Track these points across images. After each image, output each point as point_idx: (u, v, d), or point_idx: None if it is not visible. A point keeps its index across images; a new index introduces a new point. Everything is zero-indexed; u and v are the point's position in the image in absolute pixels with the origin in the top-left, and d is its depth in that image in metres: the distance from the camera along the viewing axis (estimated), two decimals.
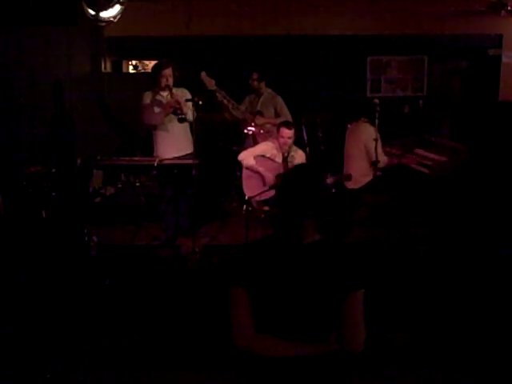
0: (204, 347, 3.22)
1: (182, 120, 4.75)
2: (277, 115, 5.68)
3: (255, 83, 5.72)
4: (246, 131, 5.70)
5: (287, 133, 4.69)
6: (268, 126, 5.59)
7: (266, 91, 5.77)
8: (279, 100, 5.73)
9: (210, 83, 5.40)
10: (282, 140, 4.71)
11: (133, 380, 3.00)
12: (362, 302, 1.81)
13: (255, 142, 5.49)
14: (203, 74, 5.41)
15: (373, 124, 4.81)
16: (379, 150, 4.87)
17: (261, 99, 5.75)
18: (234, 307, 1.84)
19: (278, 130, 4.73)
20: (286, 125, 4.78)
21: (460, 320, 3.47)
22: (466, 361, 3.06)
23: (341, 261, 1.82)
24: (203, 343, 3.26)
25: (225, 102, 5.57)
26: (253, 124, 5.61)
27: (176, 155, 4.82)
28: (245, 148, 5.25)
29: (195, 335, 3.34)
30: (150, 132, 5.00)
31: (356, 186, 5.02)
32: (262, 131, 5.60)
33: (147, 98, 4.84)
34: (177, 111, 4.71)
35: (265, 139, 5.23)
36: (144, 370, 3.05)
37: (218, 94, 5.49)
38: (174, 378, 3.01)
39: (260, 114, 5.67)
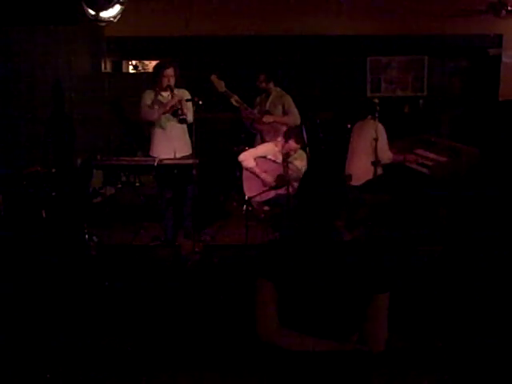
0: (204, 347, 3.22)
1: (182, 121, 4.74)
2: (284, 114, 5.68)
3: (263, 84, 5.69)
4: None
5: (296, 146, 4.71)
6: (276, 124, 5.58)
7: (275, 90, 5.73)
8: (287, 98, 5.69)
9: (220, 85, 5.39)
10: (291, 152, 4.72)
11: (133, 380, 3.00)
12: (387, 305, 1.83)
13: (263, 141, 5.48)
14: (213, 76, 5.40)
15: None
16: (384, 146, 4.88)
17: (269, 99, 5.72)
18: (259, 299, 1.85)
19: (287, 141, 4.70)
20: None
21: (459, 322, 3.47)
22: (464, 363, 3.05)
23: (370, 262, 1.84)
24: (203, 343, 3.26)
25: (236, 104, 5.56)
26: (261, 123, 5.60)
27: (172, 156, 4.81)
28: (254, 147, 5.26)
29: (195, 335, 3.34)
30: (149, 131, 5.00)
31: (357, 183, 5.02)
32: (270, 130, 5.59)
33: (148, 97, 4.82)
34: (177, 111, 4.70)
35: (273, 138, 5.23)
36: (144, 370, 3.05)
37: (229, 97, 5.48)
38: (174, 378, 3.01)
39: (268, 113, 5.66)
